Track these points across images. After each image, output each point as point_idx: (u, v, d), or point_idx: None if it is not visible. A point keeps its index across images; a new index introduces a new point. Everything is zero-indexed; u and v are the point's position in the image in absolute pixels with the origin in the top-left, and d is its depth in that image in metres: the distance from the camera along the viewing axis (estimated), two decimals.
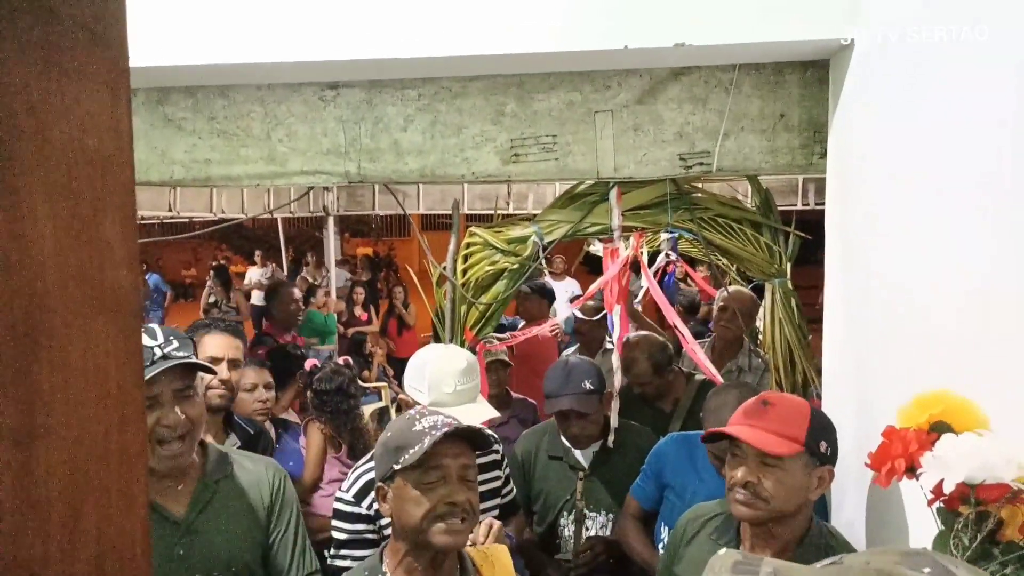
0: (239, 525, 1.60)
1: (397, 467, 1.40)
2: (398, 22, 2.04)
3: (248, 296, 10.10)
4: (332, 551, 1.95)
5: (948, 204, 1.42)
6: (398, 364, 7.44)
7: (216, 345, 2.18)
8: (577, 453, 2.40)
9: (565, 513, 2.38)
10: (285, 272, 10.56)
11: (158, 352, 1.46)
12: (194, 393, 1.53)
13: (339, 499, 1.98)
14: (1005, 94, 1.24)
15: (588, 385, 2.30)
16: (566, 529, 2.37)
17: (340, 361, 3.02)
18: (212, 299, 9.15)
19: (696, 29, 1.94)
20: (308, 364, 3.46)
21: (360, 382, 3.20)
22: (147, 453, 0.60)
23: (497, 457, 2.18)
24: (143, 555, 0.59)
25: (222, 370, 2.13)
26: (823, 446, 1.46)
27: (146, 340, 1.46)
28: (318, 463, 2.72)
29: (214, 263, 11.21)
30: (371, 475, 1.98)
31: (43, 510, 0.52)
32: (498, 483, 2.15)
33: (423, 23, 2.04)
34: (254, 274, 10.50)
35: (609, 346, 3.52)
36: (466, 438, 1.43)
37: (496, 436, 2.20)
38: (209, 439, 2.13)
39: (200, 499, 1.56)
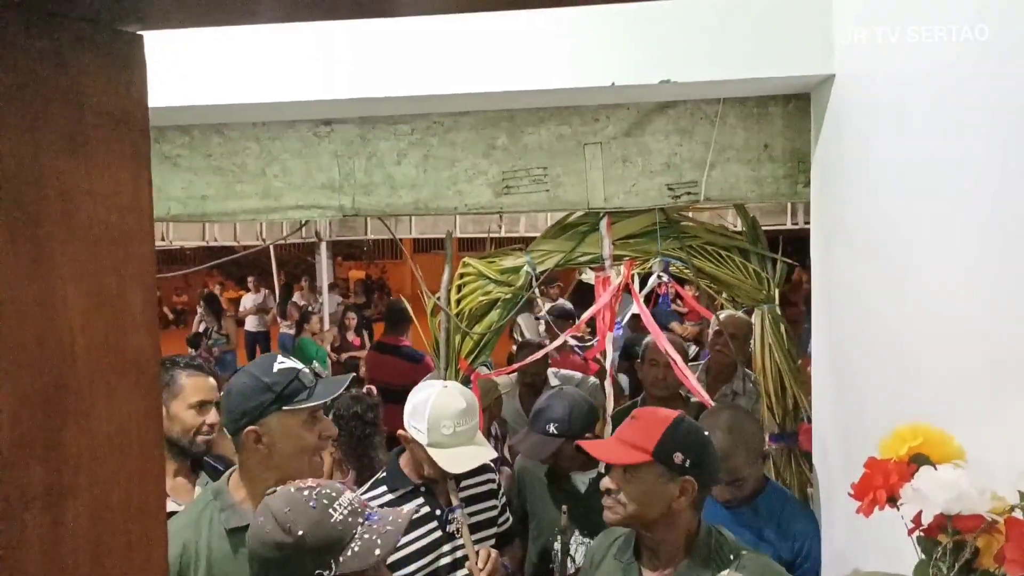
0: None
1: (329, 575, 1.23)
2: (390, 61, 2.10)
3: (241, 323, 10.10)
4: None
5: (930, 231, 1.47)
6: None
7: (203, 388, 2.12)
8: (575, 477, 2.41)
9: (560, 537, 2.39)
10: (277, 298, 10.57)
11: (311, 375, 1.63)
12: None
13: None
14: (981, 121, 1.29)
15: (552, 428, 2.26)
16: (559, 555, 2.38)
17: (364, 390, 3.13)
18: (203, 326, 9.14)
19: (681, 66, 2.01)
20: None
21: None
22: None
23: (494, 486, 2.20)
24: None
25: (212, 415, 2.08)
26: (678, 457, 1.54)
27: (297, 364, 1.63)
28: None
29: (205, 290, 11.20)
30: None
31: (69, 566, 0.56)
32: (494, 512, 2.17)
33: (414, 62, 2.09)
34: (248, 300, 10.50)
35: (555, 381, 3.53)
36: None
37: (493, 464, 2.22)
38: (180, 479, 2.11)
39: None
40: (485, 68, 2.09)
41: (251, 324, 10.16)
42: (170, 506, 1.77)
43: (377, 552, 1.22)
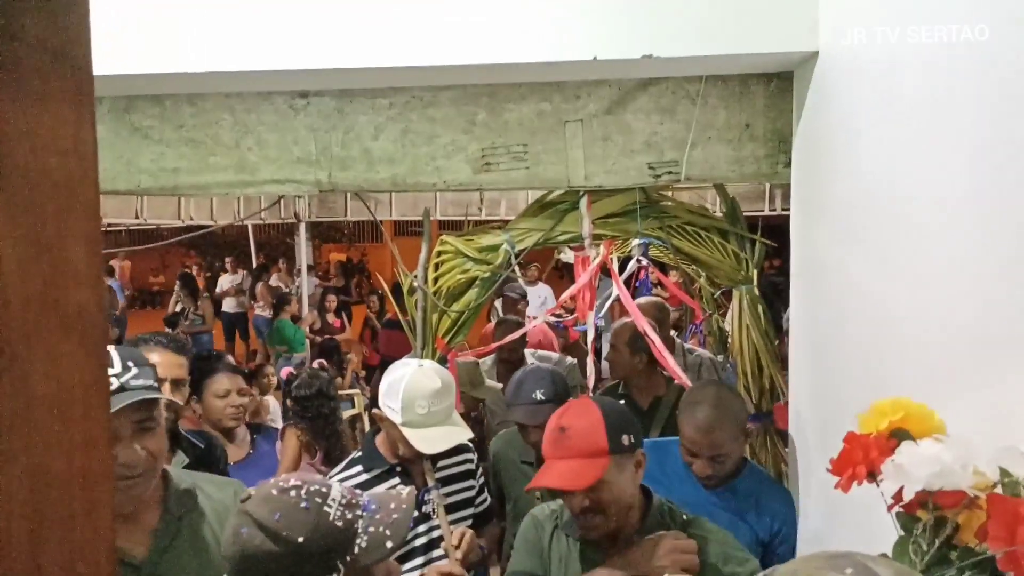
0: (208, 563, 1.41)
1: None
2: (369, 31, 2.04)
3: (219, 303, 9.98)
4: None
5: (909, 212, 1.46)
6: (372, 371, 7.41)
7: (170, 365, 2.06)
8: None
9: None
10: (252, 278, 10.45)
11: (115, 383, 1.28)
12: (156, 424, 1.35)
13: None
14: (967, 99, 1.27)
15: (539, 395, 2.31)
16: None
17: (315, 365, 3.07)
18: (179, 307, 9.02)
19: (663, 41, 1.97)
20: (284, 372, 3.51)
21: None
22: (112, 476, 0.60)
23: (472, 466, 2.18)
24: None
25: (165, 390, 1.98)
26: (625, 439, 1.53)
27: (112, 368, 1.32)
28: (292, 467, 2.75)
29: (185, 270, 11.04)
30: (347, 484, 1.97)
31: (4, 536, 0.52)
32: (472, 492, 2.15)
33: (394, 32, 2.04)
34: (225, 281, 10.36)
35: (532, 361, 3.55)
36: None
37: (471, 444, 2.20)
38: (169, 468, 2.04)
39: (162, 538, 1.39)
40: (466, 40, 2.03)
41: (228, 305, 10.03)
42: None
43: (389, 544, 1.12)
